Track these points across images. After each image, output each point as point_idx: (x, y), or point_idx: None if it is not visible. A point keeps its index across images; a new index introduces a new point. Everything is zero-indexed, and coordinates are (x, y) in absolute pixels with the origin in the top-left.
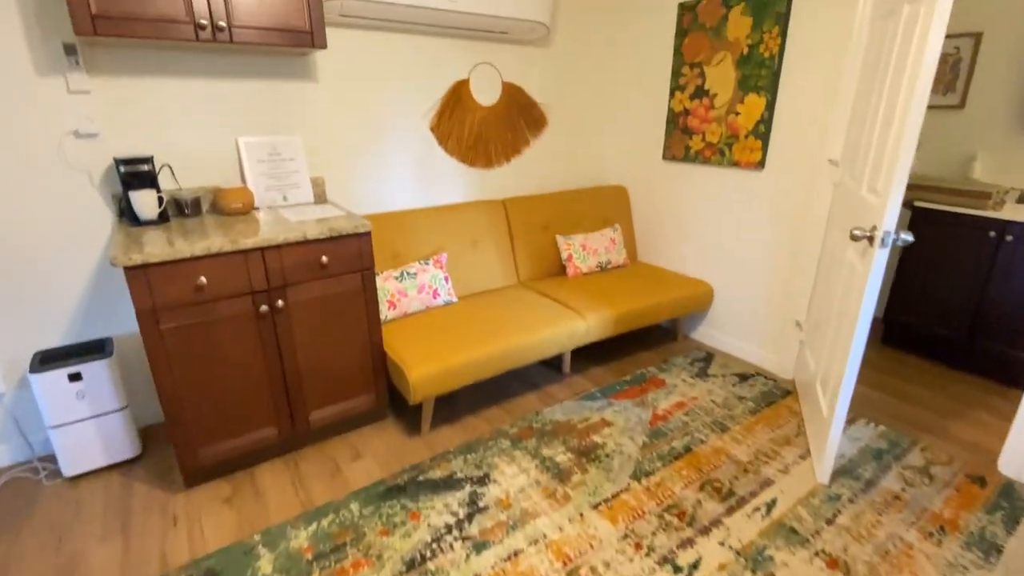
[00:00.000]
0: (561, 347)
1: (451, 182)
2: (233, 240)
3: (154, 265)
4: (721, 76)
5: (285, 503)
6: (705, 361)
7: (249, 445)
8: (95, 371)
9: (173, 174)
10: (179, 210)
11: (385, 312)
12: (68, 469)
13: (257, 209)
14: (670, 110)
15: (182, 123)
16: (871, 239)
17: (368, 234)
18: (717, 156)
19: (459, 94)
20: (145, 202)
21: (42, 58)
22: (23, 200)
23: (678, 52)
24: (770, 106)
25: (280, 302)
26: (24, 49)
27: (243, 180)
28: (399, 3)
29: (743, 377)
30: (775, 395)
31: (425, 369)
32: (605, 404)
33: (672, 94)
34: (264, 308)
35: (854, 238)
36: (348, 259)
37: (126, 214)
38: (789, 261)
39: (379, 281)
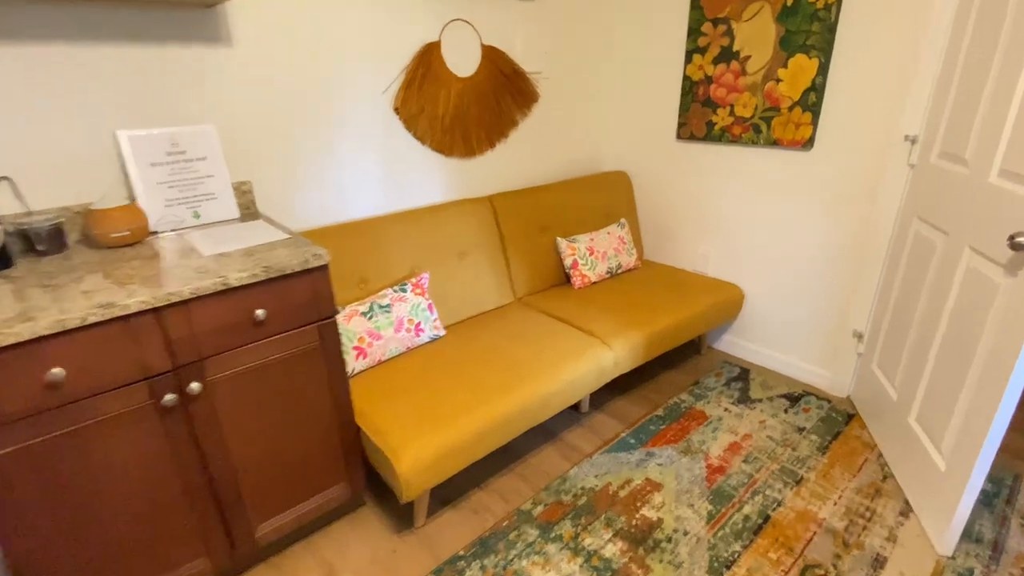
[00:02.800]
0: (588, 389)
1: (425, 177)
2: (105, 303)
3: None
4: (756, 34)
5: None
6: (742, 380)
7: None
8: None
9: (16, 191)
10: (29, 246)
11: (352, 364)
12: None
13: (155, 235)
14: (686, 78)
15: (26, 112)
16: None
17: (324, 267)
18: (750, 133)
19: (429, 61)
20: None
21: None
22: None
23: (696, 5)
24: (823, 70)
25: (194, 385)
26: None
27: (131, 194)
28: None
29: (792, 399)
30: (837, 421)
31: (419, 452)
32: (644, 456)
33: (688, 58)
34: (169, 398)
35: (1018, 246)
36: (297, 308)
37: None
38: (844, 260)
39: (341, 322)
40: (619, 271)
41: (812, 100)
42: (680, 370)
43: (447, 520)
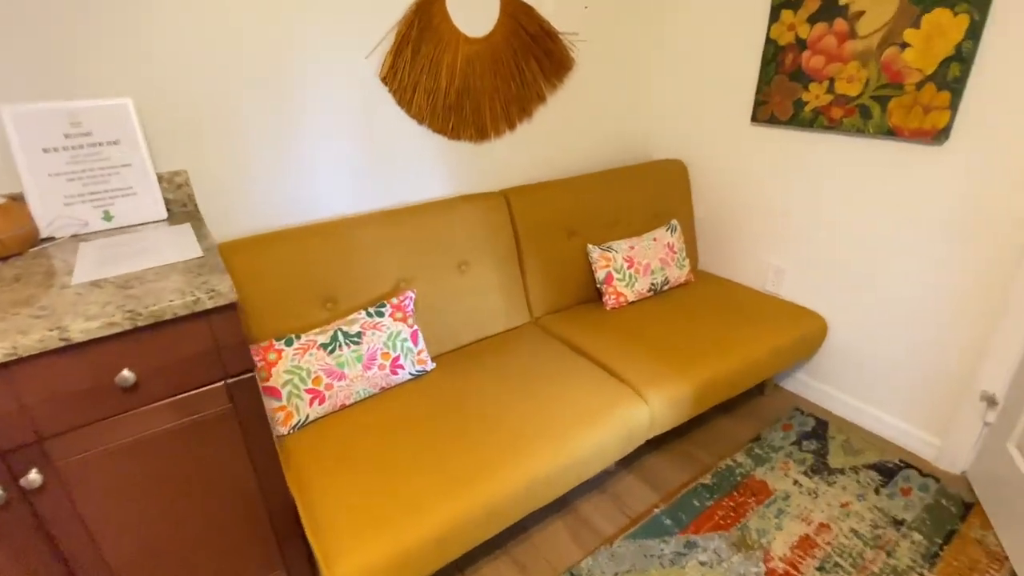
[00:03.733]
0: (611, 458)
1: (423, 166)
2: None
3: None
4: None
5: None
6: (818, 438)
7: None
8: None
9: None
10: None
11: (305, 410)
12: None
13: (48, 242)
14: (770, 42)
15: None
16: None
17: (231, 307)
18: (855, 118)
19: (428, 15)
20: None
21: None
22: None
23: None
24: (975, 31)
25: (33, 476)
26: None
27: (23, 189)
28: None
29: (886, 472)
30: (950, 513)
31: (361, 562)
32: (683, 547)
33: (775, 15)
34: None
35: None
36: (186, 364)
37: None
38: (977, 299)
39: (292, 357)
40: (665, 287)
41: (954, 74)
42: (736, 417)
43: None
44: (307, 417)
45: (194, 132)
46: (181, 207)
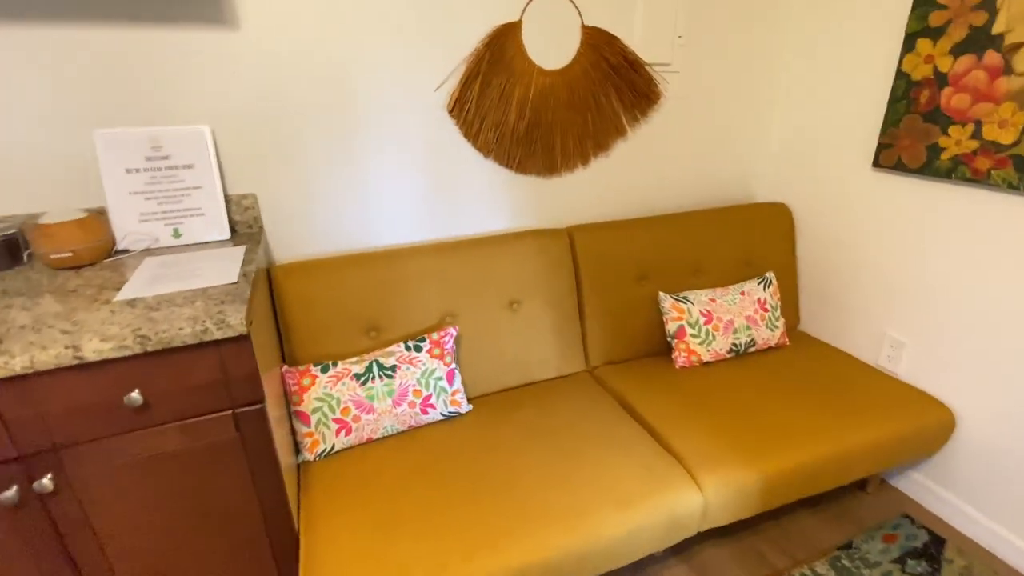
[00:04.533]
0: (648, 549)
1: (483, 199)
2: None
3: None
4: None
5: None
6: (929, 559)
7: None
8: None
9: None
10: None
11: (332, 439)
12: None
13: (123, 254)
14: (901, 76)
15: None
16: None
17: (241, 339)
18: (1007, 171)
19: (502, 49)
20: None
21: None
22: None
23: None
24: None
25: (46, 481)
26: None
27: (106, 204)
28: None
29: None
30: None
31: None
32: None
33: (909, 44)
34: (9, 494)
35: None
36: (195, 392)
37: None
38: None
39: (325, 384)
40: (750, 349)
41: None
42: (824, 515)
43: None
44: (332, 447)
45: (264, 159)
46: (247, 228)
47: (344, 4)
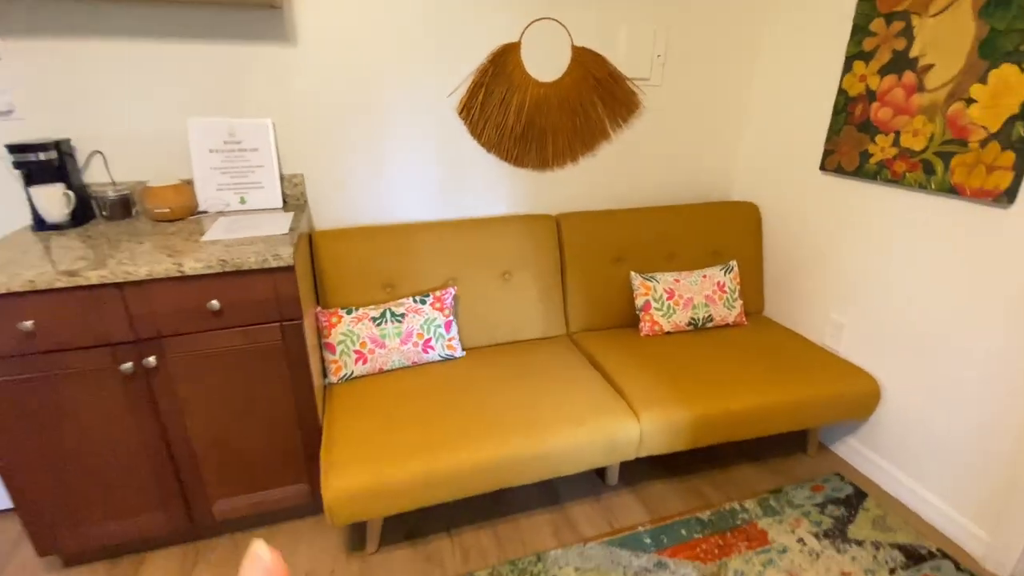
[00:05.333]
0: (590, 463)
1: (488, 187)
2: (69, 272)
3: None
4: (945, 34)
5: None
6: (848, 506)
7: (131, 532)
8: None
9: (106, 164)
10: (100, 211)
11: (351, 367)
12: None
13: (202, 214)
14: (841, 92)
15: (121, 99)
16: None
17: (289, 269)
18: (918, 173)
19: (504, 64)
20: (49, 201)
21: None
22: None
23: None
24: None
25: (151, 359)
26: None
27: (192, 176)
28: None
29: (913, 556)
30: None
31: (349, 481)
32: (652, 564)
33: (849, 65)
34: (127, 366)
35: None
36: (255, 304)
37: (36, 215)
38: None
39: (349, 324)
40: (708, 324)
41: (1019, 134)
42: (765, 467)
43: (398, 557)
44: (352, 372)
45: (311, 147)
46: (295, 201)
47: (377, 27)
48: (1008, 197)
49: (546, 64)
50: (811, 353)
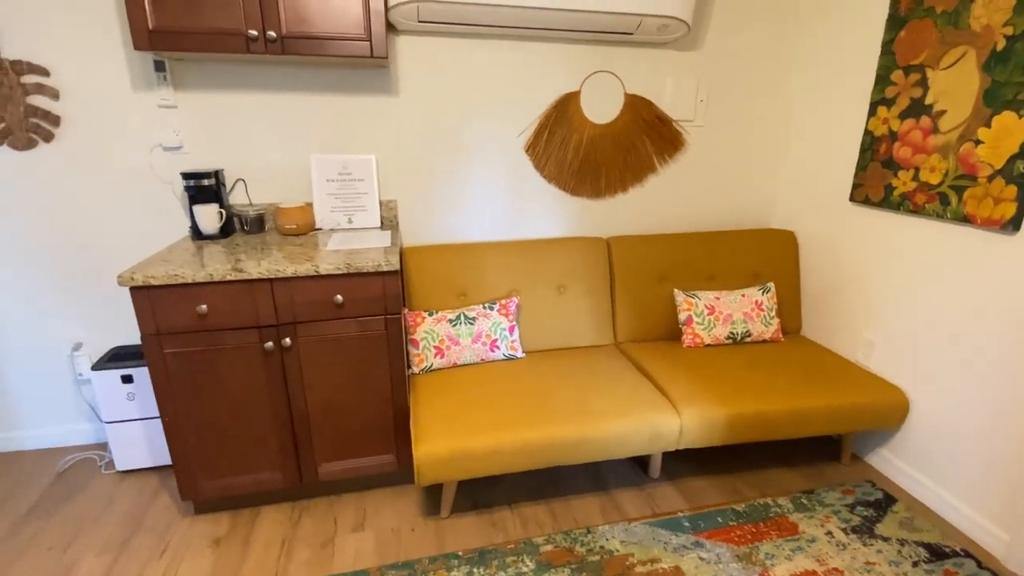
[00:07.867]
0: (636, 450)
1: (546, 213)
2: (237, 269)
3: (157, 288)
4: (955, 84)
5: (260, 567)
6: (877, 508)
7: (253, 486)
8: (146, 375)
9: (247, 189)
10: (241, 226)
11: (431, 359)
12: (120, 463)
13: (319, 230)
14: (867, 133)
15: (260, 138)
16: None
17: (395, 273)
18: (935, 204)
19: (565, 109)
20: (206, 216)
21: (137, 74)
22: (118, 207)
23: (888, 50)
24: None
25: (287, 340)
26: (123, 65)
27: (313, 200)
28: (489, 3)
29: (936, 553)
30: None
31: (436, 446)
32: (690, 543)
33: (873, 110)
34: (269, 345)
35: None
36: (368, 300)
37: (193, 227)
38: None
39: (430, 324)
40: (746, 339)
41: (1019, 170)
42: (798, 472)
43: (466, 522)
44: (431, 365)
45: (404, 178)
46: (390, 222)
47: (461, 83)
48: (1013, 225)
49: (602, 109)
50: (842, 367)
